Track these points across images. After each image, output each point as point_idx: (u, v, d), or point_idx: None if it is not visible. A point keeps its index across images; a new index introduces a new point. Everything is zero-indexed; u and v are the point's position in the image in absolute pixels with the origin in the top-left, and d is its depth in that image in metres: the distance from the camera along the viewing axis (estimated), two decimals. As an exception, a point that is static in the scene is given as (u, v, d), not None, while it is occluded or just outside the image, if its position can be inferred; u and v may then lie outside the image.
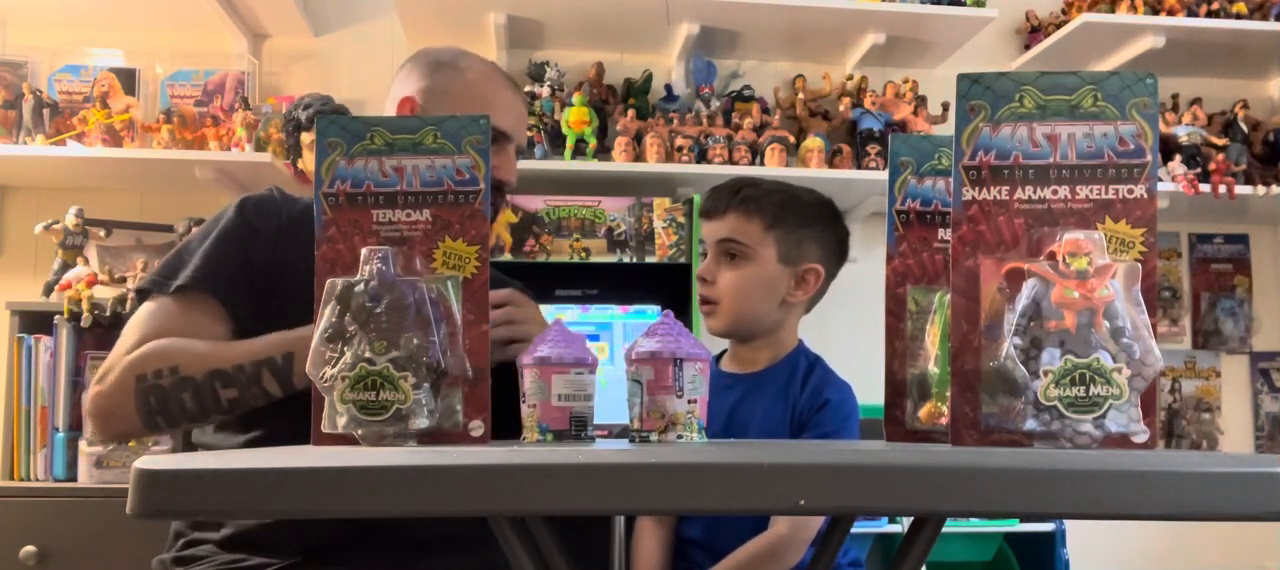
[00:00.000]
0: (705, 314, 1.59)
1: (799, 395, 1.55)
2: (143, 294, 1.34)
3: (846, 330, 2.26)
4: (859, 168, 2.70)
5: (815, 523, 1.49)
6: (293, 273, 1.25)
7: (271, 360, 1.21)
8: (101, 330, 2.29)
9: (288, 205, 1.41)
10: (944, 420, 0.90)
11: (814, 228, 1.59)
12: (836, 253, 1.62)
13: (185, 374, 1.22)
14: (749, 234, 1.55)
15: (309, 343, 0.84)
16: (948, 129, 2.18)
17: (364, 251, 0.86)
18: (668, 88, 2.81)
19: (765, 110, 2.81)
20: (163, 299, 1.31)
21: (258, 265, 1.34)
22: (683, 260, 2.47)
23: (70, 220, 2.41)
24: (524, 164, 2.57)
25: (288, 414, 1.16)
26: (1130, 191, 0.82)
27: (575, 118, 2.62)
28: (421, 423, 0.83)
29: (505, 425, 1.24)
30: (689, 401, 0.92)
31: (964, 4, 2.69)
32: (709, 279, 1.57)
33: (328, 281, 0.86)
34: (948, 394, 0.83)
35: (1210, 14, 2.75)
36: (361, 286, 0.84)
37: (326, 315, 0.85)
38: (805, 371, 1.58)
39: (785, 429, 1.55)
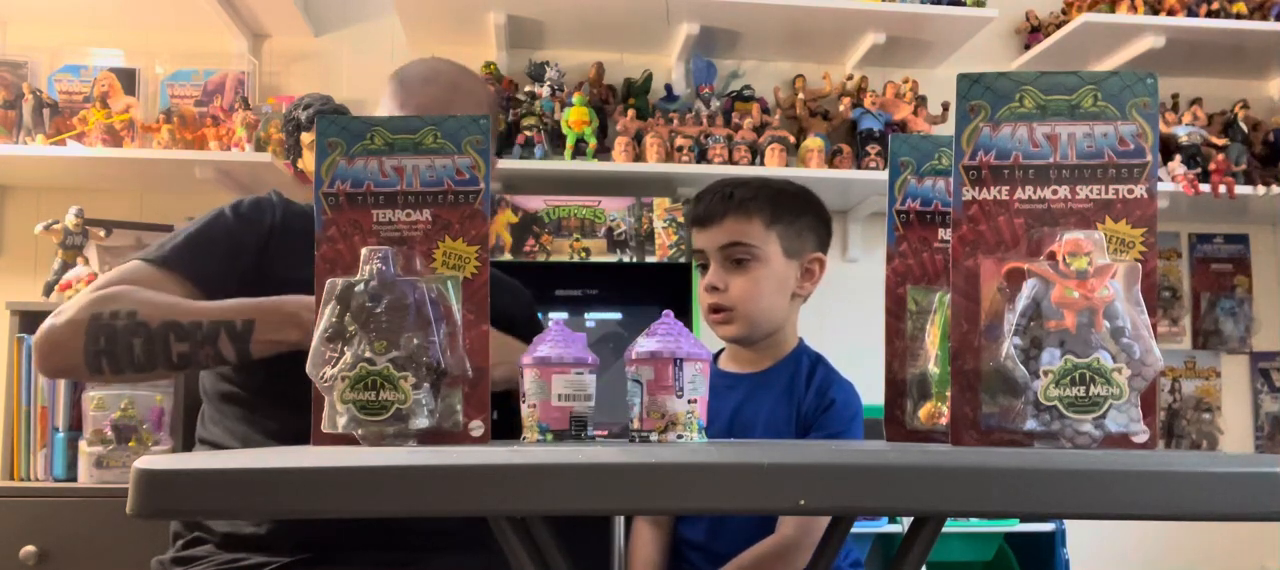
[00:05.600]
0: (717, 322, 1.56)
1: (804, 395, 1.55)
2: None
3: (846, 330, 2.26)
4: (859, 168, 2.70)
5: (822, 526, 1.48)
6: (280, 275, 1.24)
7: (231, 324, 1.18)
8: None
9: (284, 207, 1.41)
10: (944, 420, 0.90)
11: (807, 217, 1.58)
12: (827, 240, 1.62)
13: (141, 319, 1.19)
14: (752, 234, 1.53)
15: (273, 313, 0.81)
16: (948, 129, 2.18)
17: (364, 251, 0.86)
18: (668, 88, 2.81)
19: (765, 110, 2.80)
20: (138, 263, 1.30)
21: (244, 262, 1.33)
22: (683, 260, 2.47)
23: (70, 220, 2.41)
24: (525, 164, 2.57)
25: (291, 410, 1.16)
26: (1130, 191, 0.82)
27: (575, 118, 2.62)
28: (421, 423, 0.83)
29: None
30: (689, 401, 0.92)
31: (964, 4, 2.68)
32: (720, 287, 1.53)
33: (328, 281, 0.86)
34: (948, 394, 0.83)
35: (1210, 14, 2.75)
36: (361, 286, 0.85)
37: (326, 315, 0.85)
38: (809, 370, 1.57)
39: (791, 429, 1.54)
